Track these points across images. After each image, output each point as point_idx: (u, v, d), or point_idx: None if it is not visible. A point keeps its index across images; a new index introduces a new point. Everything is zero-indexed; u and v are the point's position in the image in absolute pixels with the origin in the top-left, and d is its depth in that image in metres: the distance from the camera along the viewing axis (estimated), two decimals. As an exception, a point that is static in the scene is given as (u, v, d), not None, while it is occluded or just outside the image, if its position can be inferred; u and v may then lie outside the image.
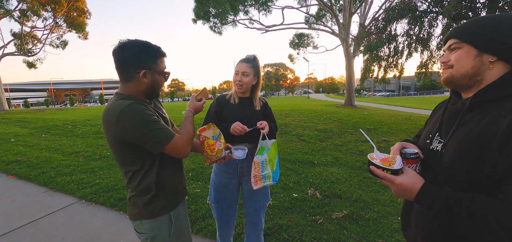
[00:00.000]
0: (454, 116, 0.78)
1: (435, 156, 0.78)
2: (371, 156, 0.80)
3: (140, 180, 1.03)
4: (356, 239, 2.12)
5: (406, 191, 0.71)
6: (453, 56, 0.76)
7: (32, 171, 3.96)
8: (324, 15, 15.83)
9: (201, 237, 2.23)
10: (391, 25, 7.50)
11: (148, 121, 0.95)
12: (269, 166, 1.43)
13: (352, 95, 13.58)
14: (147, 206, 1.05)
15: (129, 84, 1.02)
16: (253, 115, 1.58)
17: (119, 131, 0.93)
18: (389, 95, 53.70)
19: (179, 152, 1.04)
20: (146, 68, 1.01)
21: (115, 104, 0.95)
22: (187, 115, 1.17)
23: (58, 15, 14.48)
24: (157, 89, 1.09)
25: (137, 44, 0.99)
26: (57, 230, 2.40)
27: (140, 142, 0.96)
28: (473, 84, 0.74)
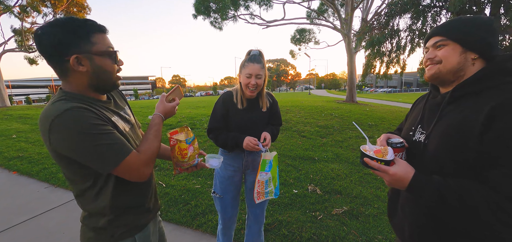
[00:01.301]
0: (435, 109, 0.83)
1: (419, 146, 0.84)
2: (364, 148, 0.83)
3: (93, 201, 0.83)
4: (355, 235, 2.12)
5: (399, 181, 0.75)
6: (440, 53, 0.80)
7: (34, 166, 3.98)
8: (326, 10, 15.67)
9: (201, 232, 2.24)
10: (393, 20, 7.40)
11: (91, 133, 0.72)
12: (272, 183, 1.45)
13: (354, 91, 13.50)
14: (103, 230, 0.86)
15: (69, 80, 0.79)
16: (260, 120, 1.56)
17: (52, 144, 0.72)
18: (391, 91, 53.39)
19: (134, 175, 0.81)
20: (77, 52, 0.75)
21: (49, 108, 0.73)
22: (154, 121, 0.92)
23: (58, 11, 14.43)
24: (106, 77, 0.82)
25: (57, 23, 0.74)
26: (58, 226, 2.42)
27: (79, 159, 0.74)
28: (455, 80, 0.80)
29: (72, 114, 0.71)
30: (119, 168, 0.77)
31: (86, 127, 0.71)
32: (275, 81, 75.11)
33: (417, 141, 0.85)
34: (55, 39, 0.73)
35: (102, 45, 0.79)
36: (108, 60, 0.81)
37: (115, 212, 0.86)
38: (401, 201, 0.90)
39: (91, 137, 0.72)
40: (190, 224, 2.34)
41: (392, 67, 8.36)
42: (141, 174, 0.82)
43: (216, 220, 2.35)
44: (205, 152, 1.15)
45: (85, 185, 0.82)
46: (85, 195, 0.84)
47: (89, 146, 0.72)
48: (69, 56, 0.74)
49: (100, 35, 0.80)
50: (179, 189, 2.99)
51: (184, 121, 7.10)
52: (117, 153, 0.76)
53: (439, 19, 6.93)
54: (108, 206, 0.84)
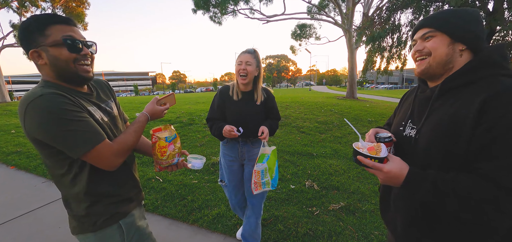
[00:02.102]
0: (425, 103, 0.82)
1: (409, 141, 0.82)
2: (357, 146, 0.80)
3: (69, 187, 0.85)
4: (352, 231, 2.11)
5: (393, 178, 0.73)
6: (428, 44, 0.78)
7: (32, 161, 3.98)
8: (327, 4, 15.50)
9: (197, 227, 2.23)
10: (395, 14, 7.31)
11: (62, 118, 0.74)
12: (268, 174, 1.48)
13: (354, 87, 13.43)
14: (85, 218, 0.88)
15: (40, 72, 0.84)
16: (254, 112, 1.64)
17: (26, 128, 0.75)
18: (392, 88, 53.15)
19: (103, 163, 0.82)
20: (34, 46, 0.78)
21: (27, 94, 0.77)
22: (138, 119, 0.97)
23: (57, 6, 14.34)
24: (62, 67, 0.81)
25: (23, 24, 0.79)
26: (54, 220, 2.42)
27: (52, 143, 0.76)
28: (444, 73, 0.78)
29: (45, 98, 0.74)
30: (90, 154, 0.79)
31: (58, 111, 0.74)
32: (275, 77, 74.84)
33: (408, 136, 0.84)
34: (20, 38, 0.79)
35: (56, 36, 0.80)
36: (64, 50, 0.81)
37: (90, 198, 0.87)
38: (393, 196, 0.89)
39: (63, 121, 0.75)
40: (186, 218, 2.33)
41: (392, 62, 8.29)
42: (110, 162, 0.84)
43: (212, 215, 2.34)
44: (204, 147, 1.12)
45: (60, 171, 0.84)
46: (61, 181, 0.86)
47: (61, 129, 0.74)
48: (30, 49, 0.79)
49: (56, 27, 0.80)
50: (176, 184, 2.98)
51: (183, 116, 7.09)
52: (89, 139, 0.78)
53: (441, 14, 6.85)
54: (83, 192, 0.85)
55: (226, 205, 2.52)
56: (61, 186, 0.87)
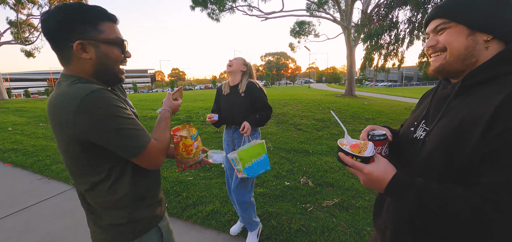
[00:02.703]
0: (442, 102, 0.70)
1: (417, 144, 0.71)
2: (341, 142, 0.73)
3: (108, 194, 0.77)
4: (344, 227, 2.13)
5: (375, 181, 0.64)
6: (442, 38, 0.66)
7: (28, 158, 3.99)
8: (326, 1, 15.42)
9: (191, 223, 2.24)
10: (393, 11, 7.30)
11: (120, 116, 0.70)
12: (240, 163, 1.61)
13: (353, 85, 13.43)
14: (125, 226, 0.81)
15: (70, 65, 0.75)
16: (238, 103, 1.88)
17: (78, 127, 0.67)
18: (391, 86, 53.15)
19: (152, 163, 0.79)
20: (81, 37, 0.72)
21: (71, 89, 0.68)
22: (164, 115, 0.92)
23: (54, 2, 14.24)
24: (111, 67, 0.78)
25: (64, 8, 0.71)
26: (50, 216, 2.43)
27: (107, 144, 0.71)
28: (466, 69, 0.65)
29: (100, 95, 0.68)
30: (143, 153, 0.75)
31: (114, 109, 0.70)
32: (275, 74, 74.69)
33: (417, 139, 0.73)
34: (60, 23, 0.70)
35: (109, 33, 0.76)
36: (116, 50, 0.78)
37: (133, 203, 0.82)
38: (388, 201, 0.81)
39: (119, 120, 0.70)
40: (181, 215, 2.35)
41: (390, 60, 8.28)
42: (158, 161, 0.81)
43: (206, 211, 2.36)
44: (201, 142, 1.13)
45: (98, 177, 0.76)
46: (97, 190, 0.77)
47: (118, 128, 0.70)
48: (73, 41, 0.71)
49: (109, 24, 0.77)
50: (171, 181, 2.99)
51: (181, 114, 7.09)
52: (142, 138, 0.75)
53: (439, 11, 6.83)
54: (127, 198, 0.80)
55: (220, 201, 2.53)
56: (96, 196, 0.78)
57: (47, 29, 0.71)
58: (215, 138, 4.83)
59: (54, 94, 0.73)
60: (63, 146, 0.74)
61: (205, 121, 6.34)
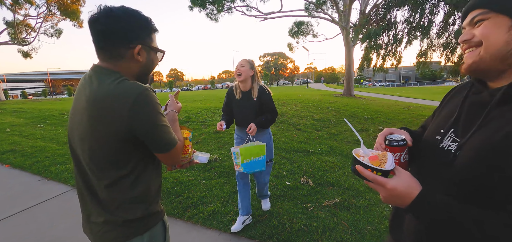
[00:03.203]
0: (478, 110, 0.60)
1: (446, 156, 0.62)
2: (357, 153, 0.65)
3: (129, 189, 0.81)
4: (345, 226, 2.14)
5: (398, 197, 0.57)
6: (478, 31, 0.58)
7: (27, 160, 3.96)
8: (325, 2, 15.48)
9: (192, 224, 2.24)
10: (391, 12, 7.34)
11: (162, 114, 0.79)
12: (240, 158, 1.78)
13: (351, 85, 13.49)
14: (139, 221, 0.84)
15: (119, 63, 0.79)
16: (250, 107, 2.04)
17: (131, 120, 0.72)
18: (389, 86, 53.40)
19: (175, 160, 0.87)
20: (142, 43, 0.80)
21: (124, 85, 0.74)
22: (174, 117, 0.97)
23: (51, 2, 14.16)
24: (151, 71, 0.90)
25: (130, 12, 0.78)
26: (49, 217, 2.42)
27: (147, 138, 0.77)
28: (506, 69, 0.56)
29: (151, 94, 0.76)
30: (172, 150, 0.83)
31: (158, 107, 0.78)
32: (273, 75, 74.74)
33: (446, 149, 0.63)
34: (127, 27, 0.77)
35: (156, 43, 0.88)
36: (157, 58, 0.90)
37: (150, 199, 0.87)
38: (408, 217, 0.72)
39: (161, 118, 0.79)
40: (182, 215, 2.35)
41: (388, 60, 8.32)
42: (178, 160, 0.90)
43: (207, 212, 2.36)
44: (201, 144, 1.18)
45: (123, 172, 0.79)
46: (120, 184, 0.80)
47: (160, 125, 0.78)
48: (134, 44, 0.79)
49: (155, 35, 0.88)
50: (171, 181, 2.99)
51: (180, 114, 7.08)
52: (173, 137, 0.83)
53: (437, 11, 6.87)
54: (146, 193, 0.84)
55: (222, 202, 2.53)
56: (116, 191, 0.80)
57: (110, 27, 0.76)
58: (215, 138, 4.83)
59: (98, 87, 0.75)
60: (102, 140, 0.76)
61: (204, 121, 6.35)
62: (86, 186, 0.84)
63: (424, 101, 14.21)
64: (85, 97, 0.76)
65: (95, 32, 0.77)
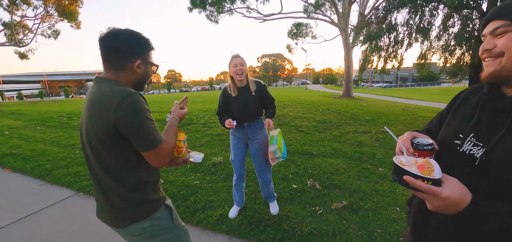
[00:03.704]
0: (501, 117, 0.63)
1: (470, 161, 0.64)
2: (400, 161, 0.63)
3: (129, 178, 0.95)
4: (355, 229, 2.13)
5: (452, 206, 0.56)
6: (500, 42, 0.61)
7: (28, 163, 3.91)
8: (323, 4, 15.56)
9: (201, 228, 2.22)
10: (391, 14, 7.39)
11: (145, 116, 0.90)
12: (279, 151, 2.06)
13: (350, 86, 13.56)
14: (143, 204, 0.99)
15: (120, 73, 0.96)
16: (251, 102, 2.07)
17: (115, 118, 0.85)
18: (387, 87, 53.77)
19: (159, 160, 0.96)
20: (142, 58, 0.99)
21: (114, 90, 0.88)
22: (173, 122, 1.10)
23: (49, 4, 14.05)
24: (146, 81, 1.07)
25: (133, 34, 0.98)
26: (55, 223, 2.38)
27: (129, 136, 0.89)
28: None
29: (137, 97, 0.89)
30: (154, 151, 0.92)
31: (144, 110, 0.90)
32: (271, 76, 74.83)
33: (467, 153, 0.66)
34: (133, 43, 0.97)
35: (152, 58, 1.06)
36: (152, 71, 1.07)
37: (150, 184, 1.01)
38: (435, 223, 0.72)
39: (147, 120, 0.90)
40: (190, 220, 2.32)
41: (389, 62, 8.38)
42: (164, 160, 0.98)
43: (215, 216, 2.34)
44: (204, 146, 1.31)
45: (123, 165, 0.94)
46: (121, 175, 0.95)
47: (145, 125, 0.89)
48: (136, 59, 0.97)
49: (152, 52, 1.05)
50: (177, 185, 2.97)
51: (181, 116, 7.04)
52: (157, 138, 0.93)
53: (437, 14, 6.93)
54: (144, 181, 0.99)
55: (229, 205, 2.52)
56: (117, 180, 0.95)
57: (117, 44, 0.94)
58: (218, 141, 4.81)
59: (98, 92, 0.91)
60: (99, 134, 0.89)
61: (206, 123, 6.32)
62: (94, 177, 0.99)
63: (422, 102, 14.32)
64: (88, 101, 0.93)
65: (104, 47, 0.94)
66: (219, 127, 5.67)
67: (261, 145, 2.18)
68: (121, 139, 0.89)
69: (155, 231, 1.02)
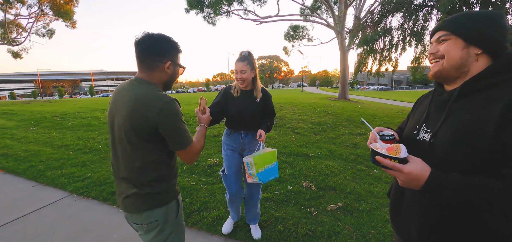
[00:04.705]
0: (442, 106, 0.80)
1: (424, 145, 0.80)
2: (375, 146, 0.78)
3: (155, 170, 1.08)
4: (350, 231, 2.16)
5: (414, 180, 0.69)
6: (442, 47, 0.79)
7: (20, 164, 3.84)
8: (320, 7, 15.71)
9: (196, 230, 2.22)
10: (386, 18, 7.50)
11: (181, 120, 1.06)
12: (254, 168, 1.68)
13: (346, 88, 13.69)
14: (163, 194, 1.13)
15: (152, 73, 1.08)
16: (253, 107, 1.85)
17: (158, 119, 0.99)
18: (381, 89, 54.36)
19: (189, 158, 1.13)
20: (171, 60, 1.10)
21: (158, 94, 1.02)
22: (201, 130, 1.30)
23: (44, 2, 13.87)
24: (174, 81, 1.19)
25: (165, 38, 1.10)
26: (48, 225, 2.35)
27: (167, 136, 1.03)
28: (459, 76, 0.78)
29: (175, 104, 1.04)
30: (186, 149, 1.08)
31: (179, 115, 1.05)
32: (268, 77, 74.98)
33: (422, 140, 0.82)
34: (165, 46, 1.08)
35: (180, 60, 1.18)
36: (181, 71, 1.20)
37: (172, 177, 1.16)
38: (408, 200, 0.86)
39: (181, 123, 1.06)
40: (185, 221, 2.32)
41: (384, 65, 8.49)
42: (194, 158, 1.14)
43: (211, 217, 2.34)
44: None
45: (151, 158, 1.06)
46: (147, 167, 1.06)
47: (180, 128, 1.05)
48: (167, 60, 1.08)
49: (180, 54, 1.16)
50: (173, 187, 2.95)
51: (177, 117, 7.02)
52: (189, 139, 1.09)
53: (430, 19, 7.06)
54: (169, 172, 1.13)
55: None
56: (143, 172, 1.06)
57: (152, 47, 1.05)
58: (214, 142, 4.81)
59: (137, 92, 1.02)
60: (138, 130, 1.01)
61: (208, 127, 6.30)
62: (119, 167, 1.10)
63: (416, 105, 14.50)
64: (127, 97, 1.02)
65: (140, 49, 1.05)
66: (215, 128, 5.66)
67: None
68: (157, 137, 1.03)
69: (163, 220, 1.12)
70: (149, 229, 1.12)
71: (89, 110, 9.17)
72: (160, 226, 1.12)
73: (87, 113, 8.25)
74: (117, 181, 1.14)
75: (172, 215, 1.16)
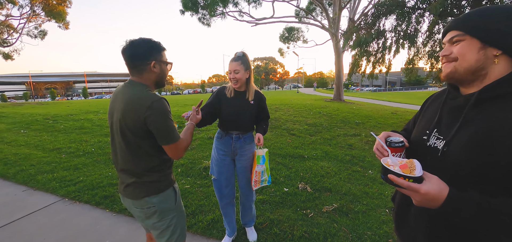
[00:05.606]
0: (456, 112, 0.73)
1: (435, 153, 0.73)
2: (386, 162, 0.70)
3: (151, 160, 1.19)
4: (346, 232, 2.16)
5: (431, 201, 0.63)
6: (455, 49, 0.71)
7: (10, 168, 3.75)
8: (314, 8, 15.84)
9: (191, 233, 2.19)
10: (380, 20, 7.60)
11: (169, 118, 1.14)
12: (266, 173, 1.85)
13: (341, 90, 13.79)
14: (158, 183, 1.22)
15: (142, 75, 1.18)
16: (246, 109, 1.82)
17: (146, 116, 1.08)
18: (376, 90, 55.03)
19: (176, 154, 1.20)
20: (155, 59, 1.17)
21: (147, 94, 1.12)
22: (189, 126, 1.36)
23: (36, 3, 13.63)
24: (164, 78, 1.26)
25: (145, 40, 1.17)
26: (38, 230, 2.29)
27: (154, 131, 1.12)
28: (476, 79, 0.69)
29: (163, 103, 1.13)
30: (172, 145, 1.16)
31: (168, 113, 1.14)
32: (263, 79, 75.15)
33: (433, 147, 0.75)
34: (145, 48, 1.16)
35: (166, 58, 1.25)
36: (168, 67, 1.27)
37: (167, 167, 1.26)
38: (414, 211, 0.79)
39: (169, 120, 1.14)
40: (180, 225, 2.29)
41: (378, 66, 8.60)
42: (180, 154, 1.22)
43: (206, 221, 2.31)
44: (195, 150, 1.48)
45: (149, 151, 1.17)
46: (146, 158, 1.18)
47: (168, 125, 1.13)
48: (151, 60, 1.16)
49: (165, 52, 1.24)
50: (168, 190, 2.92)
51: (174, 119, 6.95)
52: (176, 135, 1.17)
53: (423, 21, 7.18)
54: (164, 163, 1.24)
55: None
56: (143, 163, 1.18)
57: (135, 52, 1.14)
58: (209, 144, 4.77)
59: (132, 94, 1.12)
60: (132, 127, 1.11)
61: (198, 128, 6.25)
62: (118, 159, 1.21)
63: (410, 106, 14.74)
64: (122, 98, 1.14)
65: (125, 57, 1.15)
66: (210, 130, 5.63)
67: (249, 162, 1.90)
68: (148, 132, 1.12)
69: (160, 207, 1.22)
70: (148, 214, 1.23)
71: (82, 112, 9.01)
72: (158, 212, 1.23)
73: (80, 116, 8.11)
74: (118, 173, 1.26)
75: (171, 202, 1.27)
